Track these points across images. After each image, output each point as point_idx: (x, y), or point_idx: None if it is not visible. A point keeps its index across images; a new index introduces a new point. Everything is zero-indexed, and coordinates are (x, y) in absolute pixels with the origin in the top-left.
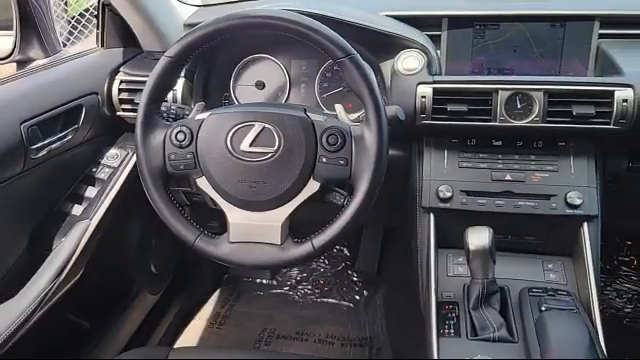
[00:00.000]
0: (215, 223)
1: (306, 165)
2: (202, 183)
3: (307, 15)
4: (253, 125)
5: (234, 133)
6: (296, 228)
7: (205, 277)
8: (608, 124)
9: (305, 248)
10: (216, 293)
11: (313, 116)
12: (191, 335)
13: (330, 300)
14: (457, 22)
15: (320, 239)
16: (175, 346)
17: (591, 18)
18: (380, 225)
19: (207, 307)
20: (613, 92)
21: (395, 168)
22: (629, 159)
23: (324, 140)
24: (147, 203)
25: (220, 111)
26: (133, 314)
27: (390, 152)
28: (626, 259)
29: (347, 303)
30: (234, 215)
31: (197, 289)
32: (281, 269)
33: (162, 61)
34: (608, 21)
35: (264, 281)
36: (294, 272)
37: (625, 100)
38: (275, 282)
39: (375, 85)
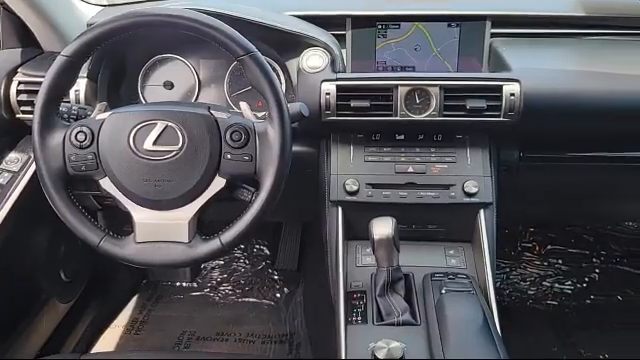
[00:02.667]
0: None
1: (211, 162)
2: (105, 184)
3: (209, 14)
4: (156, 124)
5: (136, 132)
6: (210, 226)
7: (121, 283)
8: (498, 116)
9: (213, 245)
10: (134, 299)
11: (217, 113)
12: (107, 342)
13: (251, 299)
14: (360, 22)
15: (228, 235)
16: None
17: (483, 18)
18: (298, 222)
19: (124, 313)
20: (502, 87)
21: (306, 164)
22: (520, 149)
23: (228, 137)
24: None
25: (121, 110)
26: (42, 324)
27: (300, 149)
28: (529, 245)
29: (268, 301)
30: (140, 215)
31: (113, 295)
32: (189, 267)
33: (59, 60)
34: (499, 21)
35: (184, 284)
36: (215, 273)
37: (512, 94)
38: (195, 284)
39: (276, 82)
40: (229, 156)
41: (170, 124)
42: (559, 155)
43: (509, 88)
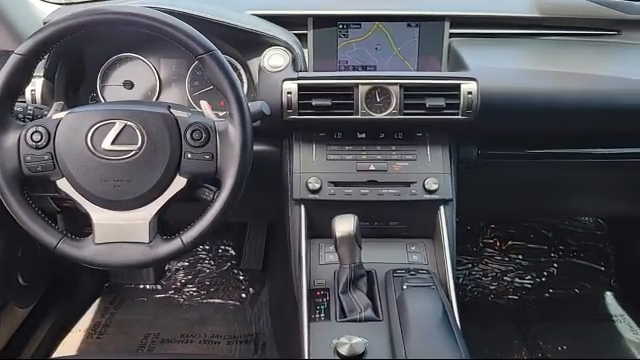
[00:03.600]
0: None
1: (171, 161)
2: (63, 184)
3: (169, 12)
4: (114, 123)
5: (94, 132)
6: (175, 227)
7: (83, 287)
8: (457, 114)
9: (174, 245)
10: (96, 302)
11: (177, 112)
12: (67, 347)
13: (216, 300)
14: (321, 21)
15: (189, 235)
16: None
17: (442, 19)
18: (264, 222)
19: (85, 317)
20: (459, 85)
21: (269, 163)
22: (479, 147)
23: (188, 136)
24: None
25: (79, 110)
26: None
27: (262, 148)
28: (490, 241)
29: (233, 302)
30: (99, 216)
31: (74, 299)
32: (150, 267)
33: (12, 59)
34: (457, 21)
35: (148, 286)
36: (179, 275)
37: (470, 92)
38: (159, 286)
39: (236, 80)
40: (189, 155)
41: (129, 123)
42: (517, 152)
43: (467, 87)
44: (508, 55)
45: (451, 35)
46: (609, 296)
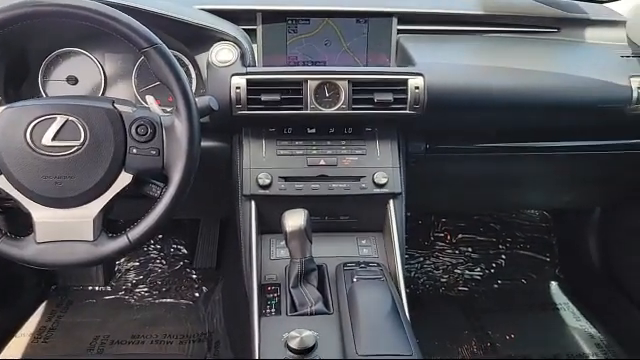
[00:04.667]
0: None
1: (116, 157)
2: (1, 182)
3: (112, 5)
4: (55, 118)
5: (34, 127)
6: (124, 226)
7: (28, 290)
8: (405, 109)
9: (120, 242)
10: (42, 306)
11: (121, 107)
12: (12, 352)
13: (168, 300)
14: (270, 16)
15: (136, 232)
16: None
17: (389, 15)
18: (216, 219)
19: (31, 321)
20: (407, 80)
21: (219, 159)
22: (427, 141)
23: (133, 131)
24: None
25: (17, 105)
26: None
27: (212, 144)
28: (441, 235)
29: (186, 301)
30: (40, 214)
31: (19, 303)
32: (95, 266)
33: None
34: (405, 18)
35: (97, 288)
36: (130, 275)
37: (417, 87)
38: (109, 288)
39: (182, 74)
40: (135, 151)
41: (71, 118)
42: (464, 147)
43: (414, 82)
44: (454, 51)
45: (399, 31)
46: (554, 286)
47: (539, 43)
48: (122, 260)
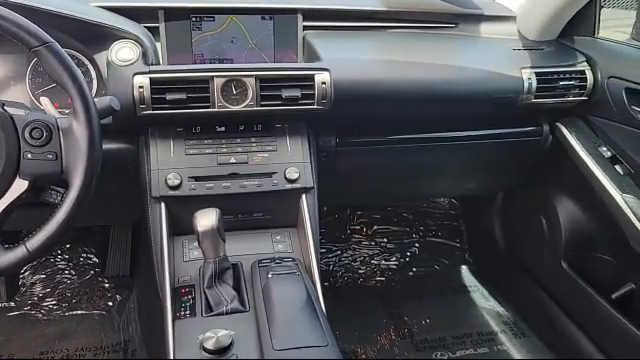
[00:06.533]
0: None
1: (8, 163)
2: None
3: (0, 4)
4: None
5: None
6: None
7: None
8: (313, 104)
9: (18, 253)
10: None
11: (12, 110)
12: None
13: (79, 312)
14: (173, 14)
15: (34, 241)
16: None
17: (294, 12)
18: (128, 224)
19: None
20: (314, 76)
21: (126, 162)
22: (337, 135)
23: (27, 135)
24: None
25: None
26: None
27: (118, 145)
28: (357, 227)
29: (99, 311)
30: None
31: None
32: None
33: None
34: (309, 14)
35: None
36: (36, 289)
37: (324, 82)
38: (13, 304)
39: (78, 73)
40: (30, 155)
41: None
42: (373, 139)
43: (320, 77)
44: (358, 47)
45: (306, 28)
46: (464, 269)
47: (439, 38)
48: (26, 273)
